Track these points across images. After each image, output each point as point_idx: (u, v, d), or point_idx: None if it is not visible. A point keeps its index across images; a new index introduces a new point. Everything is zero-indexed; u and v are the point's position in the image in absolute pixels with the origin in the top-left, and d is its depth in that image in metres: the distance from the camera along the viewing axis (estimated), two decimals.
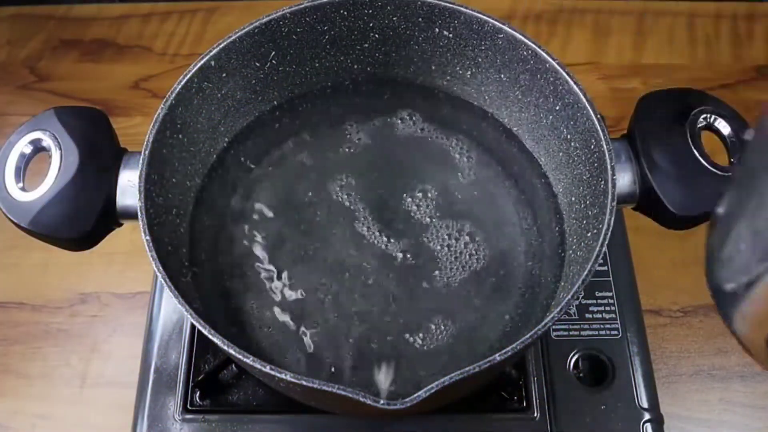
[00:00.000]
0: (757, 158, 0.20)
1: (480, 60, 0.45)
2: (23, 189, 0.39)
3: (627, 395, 0.44)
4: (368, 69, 0.49)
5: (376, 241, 0.47)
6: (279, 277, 0.46)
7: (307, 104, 0.50)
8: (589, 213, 0.40)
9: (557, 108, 0.42)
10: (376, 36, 0.46)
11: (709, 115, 0.40)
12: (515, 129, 0.48)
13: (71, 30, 0.73)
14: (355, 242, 0.47)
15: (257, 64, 0.45)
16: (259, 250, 0.47)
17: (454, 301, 0.44)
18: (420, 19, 0.45)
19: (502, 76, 0.45)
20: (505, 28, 0.42)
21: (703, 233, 0.28)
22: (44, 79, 0.69)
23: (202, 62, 0.41)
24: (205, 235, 0.46)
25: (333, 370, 0.42)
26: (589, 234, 0.39)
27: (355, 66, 0.48)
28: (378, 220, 0.47)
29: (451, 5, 0.43)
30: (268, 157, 0.50)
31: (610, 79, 0.68)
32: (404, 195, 0.48)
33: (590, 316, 0.47)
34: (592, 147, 0.40)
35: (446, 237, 0.47)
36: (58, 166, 0.39)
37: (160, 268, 0.34)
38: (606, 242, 0.35)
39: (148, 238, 0.35)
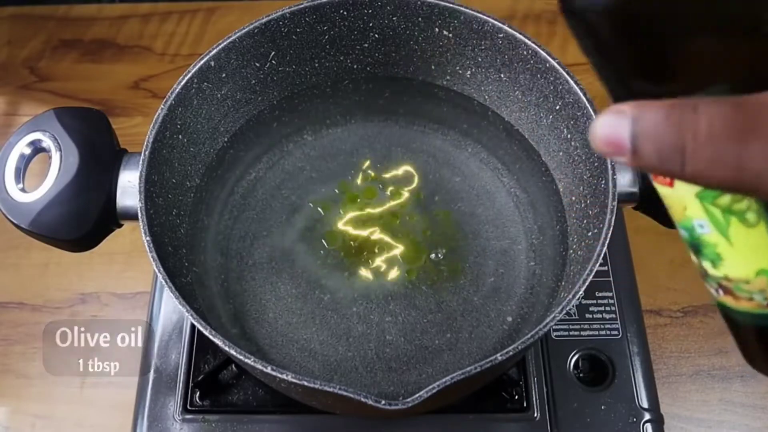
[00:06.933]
0: None
1: (480, 60, 0.45)
2: (23, 190, 0.39)
3: (627, 395, 0.43)
4: (368, 69, 0.48)
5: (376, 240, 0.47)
6: (279, 277, 0.46)
7: (307, 104, 0.50)
8: (590, 212, 0.40)
9: (557, 107, 0.42)
10: (376, 36, 0.46)
11: None
12: (516, 127, 0.48)
13: (71, 30, 0.73)
14: (355, 241, 0.47)
15: (257, 64, 0.45)
16: (259, 250, 0.47)
17: (455, 301, 0.44)
18: (420, 19, 0.44)
19: (502, 75, 0.45)
20: (505, 27, 0.42)
21: None
22: (44, 79, 0.69)
23: (201, 62, 0.41)
24: (206, 235, 0.46)
25: (334, 369, 0.42)
26: (589, 233, 0.39)
27: (355, 66, 0.48)
28: (378, 220, 0.47)
29: (451, 5, 0.43)
30: (267, 156, 0.50)
31: None
32: (405, 194, 0.48)
33: (590, 316, 0.46)
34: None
35: (447, 235, 0.47)
36: (58, 167, 0.39)
37: (161, 268, 0.34)
38: (607, 242, 0.35)
39: (148, 238, 0.35)
